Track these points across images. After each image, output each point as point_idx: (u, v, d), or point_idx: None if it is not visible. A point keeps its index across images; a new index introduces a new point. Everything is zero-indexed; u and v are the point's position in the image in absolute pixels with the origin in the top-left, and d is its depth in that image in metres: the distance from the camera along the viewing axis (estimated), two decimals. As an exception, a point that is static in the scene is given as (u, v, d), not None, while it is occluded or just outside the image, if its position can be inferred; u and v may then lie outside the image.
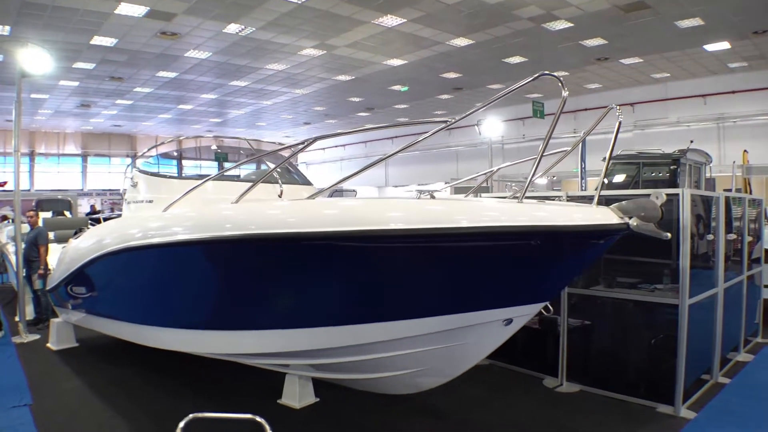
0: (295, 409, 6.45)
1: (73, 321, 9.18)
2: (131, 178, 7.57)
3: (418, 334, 4.46)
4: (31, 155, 38.70)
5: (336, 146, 45.57)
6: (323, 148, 47.29)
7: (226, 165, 8.67)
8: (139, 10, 16.17)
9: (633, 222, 3.89)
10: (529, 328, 7.47)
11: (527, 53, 20.54)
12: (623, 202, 4.05)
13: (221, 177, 6.74)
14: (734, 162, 16.81)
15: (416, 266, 4.12)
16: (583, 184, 17.30)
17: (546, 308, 4.54)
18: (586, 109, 27.60)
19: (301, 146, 5.21)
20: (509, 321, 4.38)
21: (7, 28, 17.43)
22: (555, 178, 26.57)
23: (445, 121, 4.27)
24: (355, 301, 4.57)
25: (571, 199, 6.93)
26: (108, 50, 20.08)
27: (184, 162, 8.94)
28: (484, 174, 7.54)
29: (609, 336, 6.93)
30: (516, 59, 21.34)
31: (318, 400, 6.65)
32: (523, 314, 4.39)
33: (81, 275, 7.73)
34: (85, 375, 7.99)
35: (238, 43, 19.37)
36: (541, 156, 4.07)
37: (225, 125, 39.36)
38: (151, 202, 6.95)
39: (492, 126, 22.38)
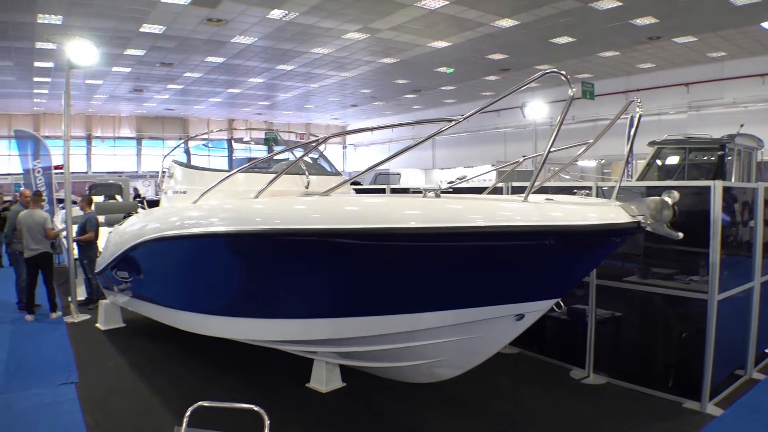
0: (322, 393, 6.61)
1: (119, 303, 9.55)
2: (168, 169, 7.80)
3: (434, 326, 4.54)
4: (88, 138, 39.90)
5: (384, 127, 45.49)
6: (371, 130, 47.27)
7: (258, 156, 8.82)
8: (185, -1, 16.48)
9: (644, 221, 3.83)
10: (558, 319, 7.44)
11: (575, 33, 20.07)
12: (636, 200, 4.00)
13: (249, 170, 6.87)
14: (790, 146, 16.18)
15: (431, 263, 4.18)
16: (629, 170, 16.99)
17: (557, 304, 4.52)
18: (638, 90, 26.87)
19: (314, 143, 5.30)
20: (521, 316, 4.39)
21: (59, 17, 17.96)
22: (603, 161, 26.07)
23: (451, 120, 4.25)
24: (375, 294, 4.68)
25: (600, 193, 6.82)
26: (157, 37, 20.53)
27: (235, 148, 9.18)
28: (512, 163, 7.46)
29: (638, 328, 6.82)
30: (563, 39, 20.88)
31: (345, 384, 6.79)
32: (535, 310, 4.39)
33: (123, 260, 8.02)
34: (128, 354, 8.35)
35: (282, 28, 19.52)
36: (548, 152, 4.02)
37: (274, 108, 39.81)
38: (185, 192, 7.16)
39: (537, 108, 22.00)
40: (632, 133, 4.65)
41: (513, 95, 4.28)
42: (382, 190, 11.30)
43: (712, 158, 12.99)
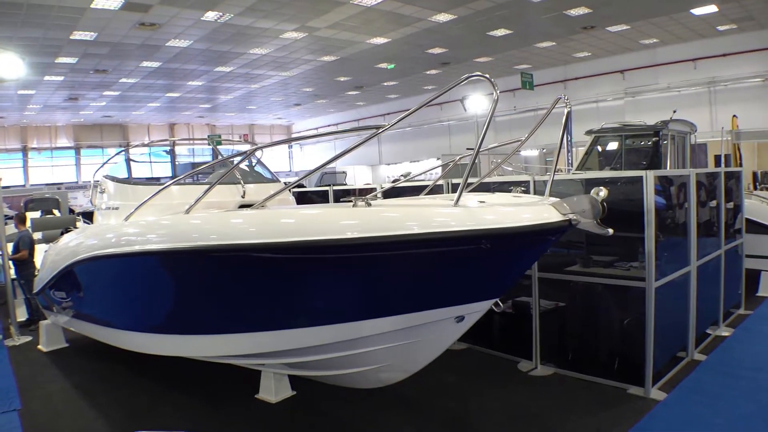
0: (272, 403, 6.51)
1: (60, 324, 9.23)
2: (99, 184, 7.55)
3: (375, 333, 4.50)
4: (24, 150, 38.61)
5: (329, 125, 45.32)
6: (317, 128, 47.05)
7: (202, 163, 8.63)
8: (114, 3, 16.04)
9: (575, 219, 3.86)
10: (504, 313, 7.49)
11: (511, 25, 20.31)
12: (568, 198, 4.02)
13: (183, 182, 6.70)
14: (723, 128, 16.69)
15: (369, 272, 4.14)
16: (570, 158, 17.29)
17: (496, 304, 4.54)
18: (576, 78, 27.41)
19: (241, 157, 5.21)
20: (461, 318, 4.39)
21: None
22: (545, 150, 26.51)
23: (378, 127, 4.20)
24: (315, 305, 4.63)
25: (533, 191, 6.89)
26: (89, 44, 19.96)
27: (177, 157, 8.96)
28: (446, 165, 7.47)
29: (581, 318, 6.92)
30: (501, 32, 21.11)
31: (295, 393, 6.70)
32: (474, 311, 4.40)
33: (61, 280, 7.74)
34: (72, 376, 8.06)
35: (218, 30, 19.22)
36: (478, 153, 4.03)
37: (216, 110, 39.25)
38: (117, 209, 6.93)
39: (477, 101, 22.18)
40: (561, 132, 4.66)
41: (453, 88, 4.25)
42: (325, 192, 11.22)
43: (649, 143, 13.29)
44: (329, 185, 24.67)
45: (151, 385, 7.43)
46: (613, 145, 14.10)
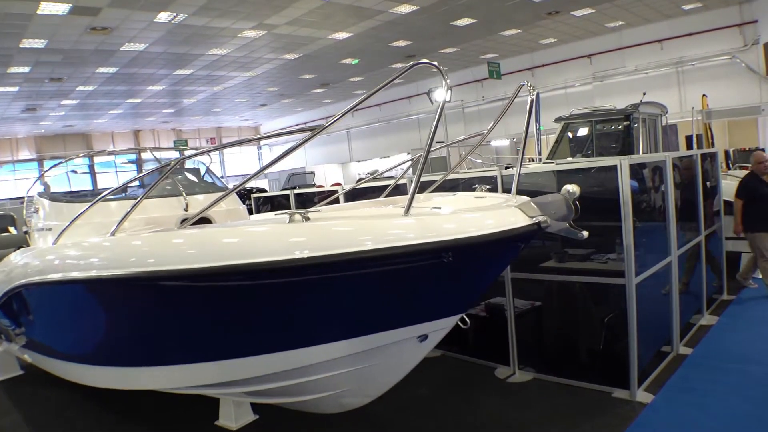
0: (233, 430, 6.02)
1: (12, 352, 8.61)
2: (33, 203, 6.95)
3: (330, 358, 4.02)
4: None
5: (298, 124, 44.67)
6: (285, 128, 46.33)
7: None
8: (62, 8, 15.40)
9: (545, 222, 3.42)
10: (477, 316, 7.06)
11: (475, 14, 19.90)
12: (537, 198, 3.59)
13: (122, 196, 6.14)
14: (693, 108, 16.47)
15: (320, 293, 3.65)
16: (539, 146, 16.95)
17: (462, 320, 4.09)
18: (543, 65, 27.12)
19: (169, 168, 4.67)
20: (424, 337, 3.94)
21: (-72, 39, 16.54)
22: (516, 140, 26.20)
23: (312, 129, 3.74)
24: (261, 332, 4.11)
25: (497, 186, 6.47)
26: (40, 52, 19.24)
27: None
28: (406, 161, 7.01)
29: (559, 317, 6.52)
30: (465, 21, 20.69)
31: (257, 417, 6.20)
32: (438, 329, 3.95)
33: (2, 306, 7.16)
34: (25, 407, 7.44)
35: (173, 31, 18.57)
36: (428, 153, 3.57)
37: (180, 114, 38.39)
38: (50, 230, 6.35)
39: (443, 93, 21.72)
40: (526, 121, 4.23)
41: (415, 81, 3.79)
42: (285, 195, 10.69)
43: (620, 128, 13.00)
44: (294, 187, 24.11)
45: (109, 417, 6.87)
46: (583, 132, 13.80)
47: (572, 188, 3.46)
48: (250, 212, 12.47)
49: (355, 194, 8.49)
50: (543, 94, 24.57)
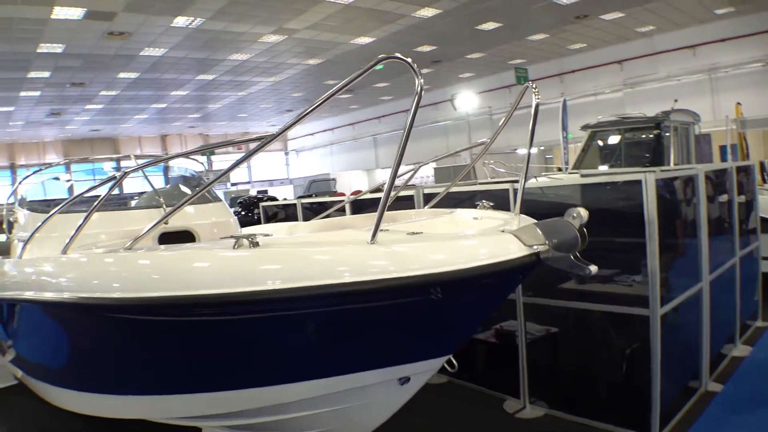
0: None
1: (3, 363, 8.27)
2: (12, 212, 6.56)
3: (303, 398, 3.53)
4: (12, 168, 37.79)
5: (324, 131, 44.46)
6: (312, 134, 46.17)
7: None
8: (76, 13, 15.19)
9: (545, 253, 2.87)
10: (486, 342, 6.50)
11: (500, 18, 19.32)
12: (541, 222, 3.03)
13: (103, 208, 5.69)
14: (727, 116, 15.65)
15: (266, 331, 3.16)
16: (566, 156, 16.30)
17: (450, 363, 3.55)
18: (572, 71, 26.39)
19: (120, 179, 4.22)
20: (406, 379, 3.41)
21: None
22: (543, 148, 25.50)
23: (260, 138, 3.25)
24: (229, 367, 3.63)
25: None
26: (58, 56, 19.18)
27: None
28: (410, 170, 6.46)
29: (575, 346, 5.91)
30: (490, 25, 20.13)
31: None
32: (422, 371, 3.42)
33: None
34: (14, 419, 7.05)
35: (191, 36, 18.33)
36: (396, 170, 3.04)
37: (207, 119, 38.43)
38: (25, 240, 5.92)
39: (467, 99, 21.26)
40: (531, 128, 3.69)
41: (442, 88, 3.28)
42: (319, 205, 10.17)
43: (650, 136, 12.31)
44: (311, 195, 23.67)
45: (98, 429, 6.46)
46: (611, 140, 13.13)
47: (578, 212, 2.90)
48: (258, 222, 11.99)
49: (362, 205, 7.99)
50: (572, 101, 23.81)
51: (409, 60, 2.85)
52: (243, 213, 19.08)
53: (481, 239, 2.95)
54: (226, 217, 6.23)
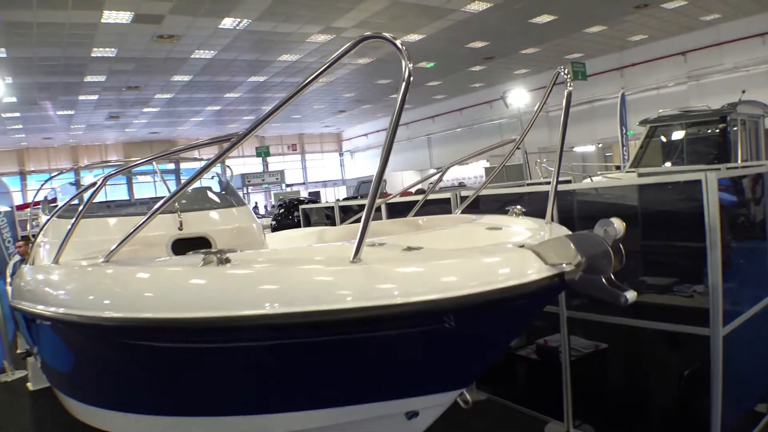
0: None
1: (36, 367, 8.22)
2: (36, 216, 6.40)
3: (289, 430, 3.14)
4: (76, 171, 38.83)
5: (378, 131, 44.15)
6: (366, 134, 45.94)
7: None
8: (125, 17, 15.30)
9: (571, 273, 2.37)
10: (527, 358, 5.99)
11: (555, 10, 18.56)
12: (574, 234, 2.51)
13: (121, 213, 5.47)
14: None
15: (279, 356, 2.77)
16: (625, 152, 15.51)
17: (463, 398, 3.08)
18: (633, 65, 25.29)
19: (95, 188, 3.94)
20: (414, 414, 2.96)
21: (2, 50, 16.86)
22: (601, 145, 24.51)
23: (228, 138, 2.89)
24: (204, 394, 3.28)
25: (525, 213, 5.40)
26: (111, 60, 19.46)
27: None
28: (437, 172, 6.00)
29: (625, 367, 5.36)
30: (544, 18, 19.38)
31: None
32: (431, 405, 2.97)
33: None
34: (46, 422, 7.10)
35: (239, 37, 18.29)
36: (380, 183, 2.57)
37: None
38: (47, 246, 5.73)
39: (519, 96, 20.58)
40: (562, 120, 3.21)
41: (496, 85, 2.85)
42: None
43: (716, 131, 11.49)
44: (357, 196, 23.27)
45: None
46: (673, 136, 12.33)
47: (612, 224, 2.40)
48: (297, 225, 11.68)
49: (400, 208, 7.54)
50: (633, 95, 22.82)
51: (398, 42, 2.40)
52: (282, 215, 18.83)
53: (490, 257, 2.47)
54: (248, 222, 5.91)
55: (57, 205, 6.45)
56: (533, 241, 2.65)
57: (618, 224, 2.40)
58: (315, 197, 33.00)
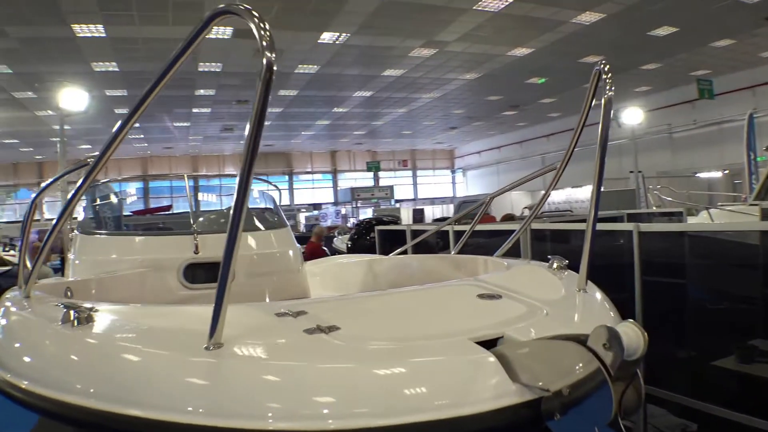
0: None
1: None
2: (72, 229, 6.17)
3: None
4: (195, 179, 40.65)
5: (491, 149, 43.07)
6: (479, 152, 44.96)
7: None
8: (225, 32, 15.56)
9: (550, 409, 1.49)
10: None
11: (676, 21, 17.05)
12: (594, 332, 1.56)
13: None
14: None
15: None
16: (754, 181, 13.84)
17: None
18: (766, 83, 22.93)
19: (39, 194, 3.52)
20: None
21: (114, 63, 17.62)
22: (728, 171, 22.31)
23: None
24: None
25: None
26: (218, 75, 19.98)
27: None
28: (478, 205, 5.09)
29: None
30: (664, 30, 17.87)
31: None
32: None
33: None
34: None
35: (340, 52, 18.19)
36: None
37: (374, 136, 38.77)
38: (78, 263, 5.42)
39: (633, 115, 19.09)
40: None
41: (615, 103, 2.15)
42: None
43: None
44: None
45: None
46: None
47: (616, 335, 1.48)
48: (372, 250, 10.74)
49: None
50: (765, 118, 20.62)
51: (255, 14, 1.63)
52: (358, 237, 18.10)
53: (417, 370, 1.65)
54: (283, 247, 5.33)
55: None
56: (534, 330, 1.86)
57: (632, 332, 1.51)
58: (419, 215, 32.36)
